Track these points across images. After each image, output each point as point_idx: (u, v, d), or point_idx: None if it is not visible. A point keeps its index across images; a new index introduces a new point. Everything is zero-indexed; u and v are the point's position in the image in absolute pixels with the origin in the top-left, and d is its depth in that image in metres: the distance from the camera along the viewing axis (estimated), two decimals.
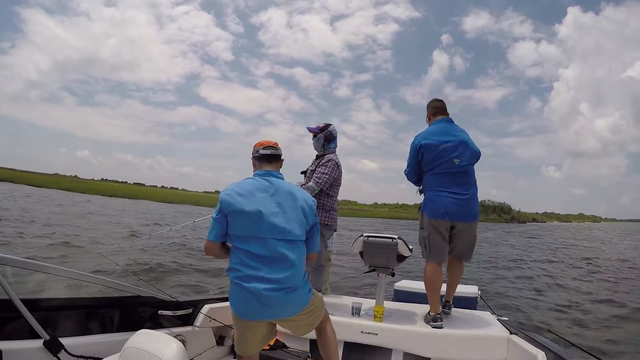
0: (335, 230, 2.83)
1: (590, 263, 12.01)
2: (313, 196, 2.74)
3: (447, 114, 2.47)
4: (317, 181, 2.60)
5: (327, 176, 2.61)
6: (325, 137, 2.73)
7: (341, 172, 2.73)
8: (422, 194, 2.43)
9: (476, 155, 2.33)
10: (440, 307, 2.36)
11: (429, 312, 2.32)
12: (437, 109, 2.49)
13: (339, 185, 2.76)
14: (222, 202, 1.58)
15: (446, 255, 2.36)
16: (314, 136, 2.76)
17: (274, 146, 1.75)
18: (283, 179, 1.71)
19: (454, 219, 2.26)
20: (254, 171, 1.75)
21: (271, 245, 1.54)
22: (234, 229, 1.58)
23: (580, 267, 11.13)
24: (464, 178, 2.28)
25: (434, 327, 2.21)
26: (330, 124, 2.75)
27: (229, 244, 1.66)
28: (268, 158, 1.73)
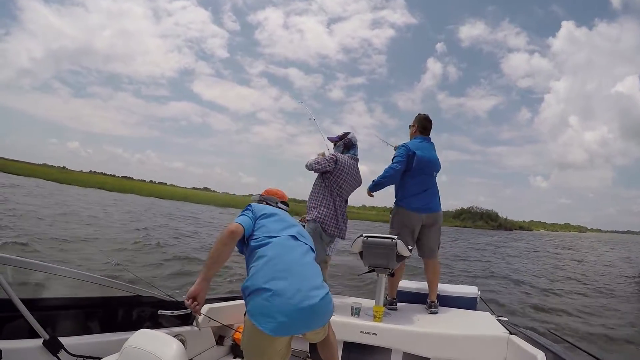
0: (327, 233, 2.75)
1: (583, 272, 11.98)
2: (313, 195, 2.73)
3: (429, 133, 3.00)
4: (310, 162, 2.71)
5: (318, 165, 2.69)
6: (344, 145, 2.84)
7: (343, 171, 2.72)
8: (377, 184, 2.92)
9: (439, 169, 2.98)
10: (426, 307, 2.76)
11: (386, 296, 2.79)
12: (425, 129, 2.96)
13: (340, 186, 2.74)
14: (253, 205, 1.74)
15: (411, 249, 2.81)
16: (335, 145, 2.87)
17: (287, 202, 2.02)
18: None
19: (427, 212, 2.82)
20: None
21: (297, 255, 1.56)
22: (260, 231, 1.63)
23: (577, 275, 11.11)
24: (432, 182, 2.92)
25: (390, 309, 2.69)
26: (348, 132, 2.87)
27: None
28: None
